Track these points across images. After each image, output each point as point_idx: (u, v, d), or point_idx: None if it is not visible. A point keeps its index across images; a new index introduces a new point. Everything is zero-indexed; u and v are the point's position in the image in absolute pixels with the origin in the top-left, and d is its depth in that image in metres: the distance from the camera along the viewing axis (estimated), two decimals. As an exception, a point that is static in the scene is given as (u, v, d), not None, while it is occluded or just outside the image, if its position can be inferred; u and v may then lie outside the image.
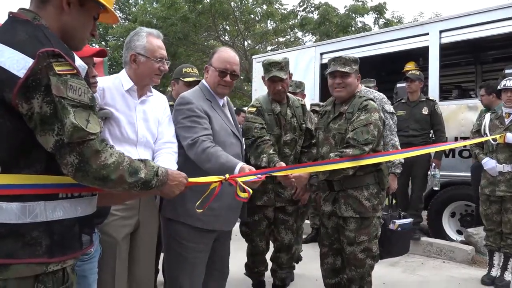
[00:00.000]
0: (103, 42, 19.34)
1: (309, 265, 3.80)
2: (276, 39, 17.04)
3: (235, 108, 4.12)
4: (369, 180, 2.66)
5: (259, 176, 1.98)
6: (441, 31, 5.26)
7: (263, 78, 2.95)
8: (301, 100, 3.05)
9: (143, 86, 2.15)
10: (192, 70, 3.24)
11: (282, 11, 15.31)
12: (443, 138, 4.68)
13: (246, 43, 16.33)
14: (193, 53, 16.38)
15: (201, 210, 1.79)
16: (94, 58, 1.94)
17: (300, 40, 16.45)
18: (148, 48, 2.08)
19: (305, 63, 6.80)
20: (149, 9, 15.22)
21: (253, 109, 2.86)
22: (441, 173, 4.81)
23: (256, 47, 16.56)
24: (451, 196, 5.08)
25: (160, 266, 2.81)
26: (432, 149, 4.22)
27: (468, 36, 5.13)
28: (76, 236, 1.27)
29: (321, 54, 6.65)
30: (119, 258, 1.98)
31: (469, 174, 4.60)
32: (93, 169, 1.19)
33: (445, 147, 4.35)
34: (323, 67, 6.48)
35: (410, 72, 5.06)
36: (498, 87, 3.78)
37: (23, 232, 1.16)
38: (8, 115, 1.14)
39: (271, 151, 2.64)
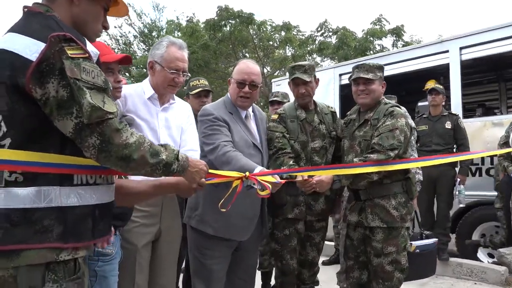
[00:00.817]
0: (126, 73, 19.96)
1: (330, 285, 3.68)
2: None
3: (270, 100, 4.15)
4: (397, 189, 2.59)
5: (279, 180, 1.98)
6: (461, 48, 5.20)
7: (289, 84, 2.88)
8: (331, 107, 2.96)
9: (162, 95, 2.17)
10: (199, 81, 3.30)
11: (300, 37, 15.53)
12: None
13: (265, 70, 16.56)
14: (214, 80, 16.69)
15: (224, 210, 1.81)
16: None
17: (319, 65, 16.57)
18: (165, 58, 2.11)
19: (324, 84, 6.80)
20: (171, 39, 15.65)
21: (276, 116, 2.80)
22: (468, 192, 4.66)
23: (276, 73, 16.75)
24: (479, 217, 4.88)
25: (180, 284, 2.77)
26: (458, 158, 4.08)
27: (489, 52, 5.05)
28: (90, 225, 1.26)
29: (340, 75, 6.66)
30: (139, 266, 1.97)
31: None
32: (115, 148, 1.20)
33: (471, 156, 4.17)
34: (342, 88, 6.48)
35: (435, 85, 4.98)
36: None
37: (36, 218, 1.16)
38: (22, 101, 1.16)
39: (291, 162, 2.58)
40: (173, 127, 2.16)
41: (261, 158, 2.45)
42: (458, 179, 4.55)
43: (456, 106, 5.15)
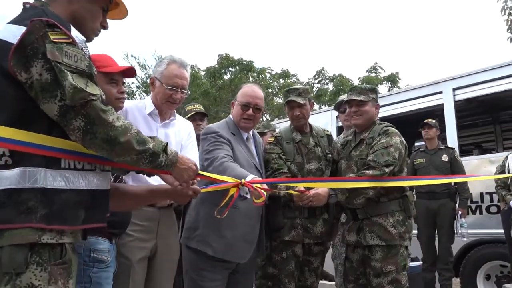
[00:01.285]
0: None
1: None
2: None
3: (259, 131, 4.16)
4: (394, 207, 2.60)
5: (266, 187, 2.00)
6: (454, 89, 5.33)
7: (284, 106, 2.96)
8: (327, 131, 3.01)
9: (162, 111, 2.21)
10: (194, 106, 3.42)
11: (299, 84, 15.94)
12: (466, 186, 4.54)
13: (264, 118, 16.82)
14: (214, 127, 16.89)
15: (219, 216, 1.83)
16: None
17: (317, 112, 16.87)
18: (165, 74, 2.17)
19: (323, 125, 6.90)
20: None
21: (272, 139, 2.86)
22: (470, 231, 4.59)
23: (274, 121, 16.99)
24: (483, 255, 4.76)
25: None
26: (453, 179, 4.09)
27: (483, 92, 5.17)
28: (77, 210, 1.25)
29: (337, 117, 6.77)
30: (133, 281, 1.92)
31: (500, 231, 4.37)
32: (100, 129, 1.20)
33: (467, 179, 4.17)
34: (340, 129, 6.57)
35: (427, 120, 5.06)
36: None
37: (22, 199, 1.17)
38: (10, 84, 1.21)
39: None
40: (173, 143, 2.18)
41: (261, 178, 2.45)
42: (459, 213, 4.51)
43: (453, 146, 5.19)
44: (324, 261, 2.92)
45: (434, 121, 5.04)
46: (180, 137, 2.26)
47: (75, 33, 1.33)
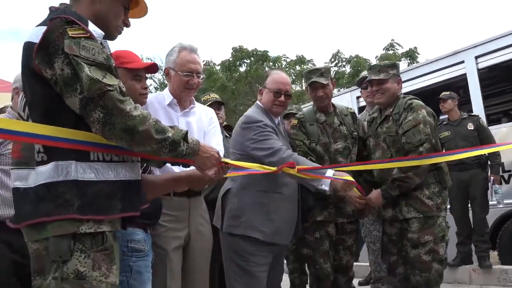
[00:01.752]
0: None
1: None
2: (312, 98, 17.36)
3: (285, 113, 4.17)
4: (429, 179, 2.61)
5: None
6: (476, 57, 5.18)
7: (306, 88, 2.95)
8: (350, 108, 3.00)
9: (181, 100, 2.24)
10: (210, 96, 3.43)
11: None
12: (496, 152, 4.41)
13: (283, 105, 16.76)
14: (234, 121, 16.94)
15: None
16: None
17: (336, 95, 16.70)
18: (178, 62, 2.18)
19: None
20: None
21: (295, 122, 2.85)
22: (506, 201, 4.49)
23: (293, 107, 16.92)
24: (521, 225, 4.66)
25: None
26: (486, 150, 3.97)
27: (506, 57, 5.01)
28: (111, 200, 1.30)
29: (357, 98, 6.70)
30: (171, 271, 1.97)
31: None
32: (118, 119, 1.24)
33: (500, 148, 4.00)
34: (360, 109, 6.49)
35: (441, 94, 4.96)
36: None
37: (59, 193, 1.24)
38: (38, 82, 1.28)
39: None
40: (195, 131, 2.20)
41: None
42: (492, 179, 4.40)
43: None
44: (357, 239, 2.93)
45: (448, 93, 4.90)
46: (202, 124, 2.28)
47: (92, 27, 1.36)
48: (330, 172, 2.23)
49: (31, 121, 1.33)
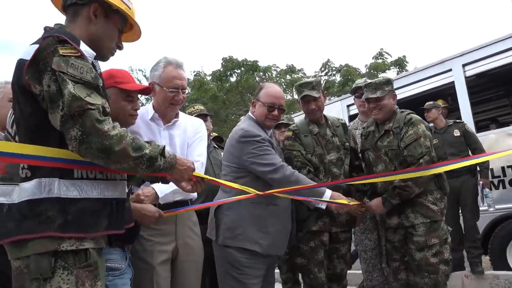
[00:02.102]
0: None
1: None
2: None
3: (277, 123, 4.17)
4: (431, 186, 2.72)
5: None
6: (464, 65, 5.26)
7: (298, 102, 3.00)
8: (341, 120, 3.04)
9: (165, 115, 2.22)
10: (194, 108, 3.42)
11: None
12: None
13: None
14: (226, 130, 16.96)
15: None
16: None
17: (326, 104, 16.82)
18: (163, 77, 2.17)
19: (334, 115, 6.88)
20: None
21: (290, 133, 2.87)
22: (496, 206, 4.53)
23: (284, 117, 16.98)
24: (510, 230, 4.69)
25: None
26: (477, 160, 4.00)
27: (492, 65, 5.08)
28: (94, 218, 1.30)
29: (348, 106, 6.74)
30: (158, 285, 1.94)
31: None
32: (95, 138, 1.23)
33: (488, 157, 4.07)
34: (351, 118, 6.53)
35: (425, 104, 5.02)
36: None
37: (41, 210, 1.23)
38: (27, 99, 1.30)
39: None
40: (178, 144, 2.18)
41: None
42: (481, 183, 4.43)
43: (468, 123, 5.11)
44: (350, 248, 2.93)
45: (431, 102, 4.99)
46: (186, 136, 2.25)
47: (84, 47, 1.38)
48: (327, 194, 2.37)
49: (18, 138, 1.34)
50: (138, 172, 1.38)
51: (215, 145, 3.23)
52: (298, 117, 3.14)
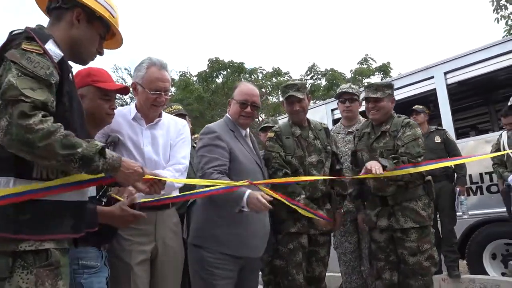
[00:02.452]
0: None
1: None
2: (289, 110, 17.54)
3: (262, 126, 4.18)
4: (420, 192, 2.83)
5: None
6: (445, 72, 5.36)
7: (282, 103, 3.03)
8: (324, 124, 3.07)
9: (147, 114, 2.20)
10: (172, 108, 3.42)
11: (291, 81, 15.95)
12: (462, 164, 4.55)
13: (260, 118, 16.84)
14: (210, 131, 16.93)
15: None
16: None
17: (311, 107, 16.91)
18: (146, 79, 2.15)
19: (318, 120, 6.93)
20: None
21: (272, 134, 2.91)
22: (473, 212, 4.63)
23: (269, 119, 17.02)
24: (487, 235, 4.78)
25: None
26: (454, 162, 4.16)
27: (473, 73, 5.19)
28: (51, 220, 1.28)
29: (332, 110, 6.80)
30: (135, 285, 1.93)
31: (502, 210, 4.40)
32: (17, 130, 1.20)
33: (465, 160, 4.20)
34: (335, 122, 6.59)
35: (415, 106, 5.09)
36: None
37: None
38: None
39: (304, 195, 2.69)
40: (160, 144, 2.17)
41: (262, 174, 2.52)
42: (458, 190, 4.52)
43: (448, 130, 5.20)
44: (330, 251, 2.95)
45: (421, 107, 5.07)
46: (169, 136, 2.24)
47: (51, 46, 1.36)
48: (245, 196, 2.13)
49: None
50: (72, 170, 1.34)
51: (194, 145, 3.23)
52: (282, 120, 3.16)
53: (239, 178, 2.18)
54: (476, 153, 4.89)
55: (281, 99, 3.03)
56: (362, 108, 3.74)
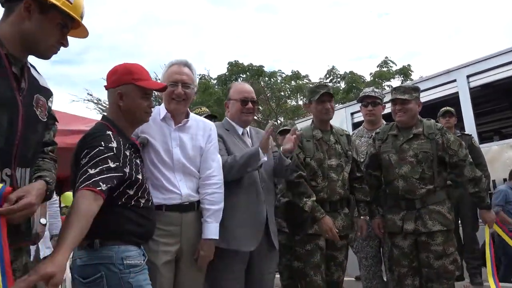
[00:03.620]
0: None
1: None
2: (308, 113, 17.52)
3: (280, 129, 4.21)
4: (444, 196, 2.84)
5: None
6: (468, 76, 5.28)
7: (305, 105, 3.08)
8: (346, 131, 3.12)
9: (175, 114, 2.22)
10: (201, 109, 3.52)
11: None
12: (486, 172, 4.43)
13: (278, 120, 16.86)
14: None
15: None
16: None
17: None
18: (166, 75, 2.22)
19: (337, 124, 6.89)
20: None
21: None
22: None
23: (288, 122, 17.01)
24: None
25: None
26: None
27: (497, 77, 5.10)
28: None
29: (352, 114, 6.77)
30: (160, 285, 1.95)
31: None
32: None
33: None
34: (355, 126, 6.55)
35: (448, 108, 4.97)
36: None
37: None
38: None
39: (314, 198, 2.69)
40: (188, 147, 2.18)
41: (258, 169, 2.46)
42: None
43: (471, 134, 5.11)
44: (347, 256, 2.95)
45: (451, 109, 4.96)
46: (198, 141, 2.24)
47: None
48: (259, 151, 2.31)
49: None
50: None
51: None
52: (303, 123, 3.20)
53: None
54: (500, 158, 4.81)
55: (300, 102, 3.07)
56: (384, 111, 3.75)
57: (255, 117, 16.60)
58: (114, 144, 1.66)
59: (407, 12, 35.67)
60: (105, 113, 1.98)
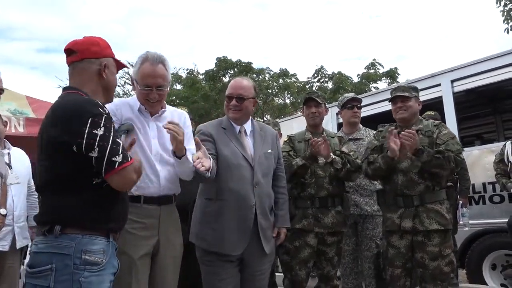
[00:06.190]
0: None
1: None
2: (295, 112, 17.57)
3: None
4: (444, 196, 2.87)
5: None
6: (452, 81, 5.34)
7: (302, 109, 3.33)
8: (338, 133, 3.32)
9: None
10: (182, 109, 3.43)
11: (298, 84, 15.98)
12: (466, 176, 4.53)
13: (265, 118, 16.86)
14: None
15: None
16: None
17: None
18: (139, 75, 2.09)
19: (323, 124, 6.92)
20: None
21: (286, 139, 3.24)
22: (474, 221, 4.60)
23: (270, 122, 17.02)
24: (488, 246, 4.76)
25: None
26: None
27: (481, 83, 5.16)
28: None
29: (337, 114, 6.77)
30: (136, 279, 1.92)
31: (504, 220, 4.37)
32: None
33: None
34: (340, 126, 6.57)
35: (425, 113, 5.04)
36: None
37: None
38: None
39: (298, 160, 2.90)
40: (165, 136, 2.10)
41: (251, 170, 2.42)
42: (461, 202, 4.50)
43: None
44: (341, 252, 3.08)
45: (433, 113, 5.01)
46: None
47: None
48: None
49: None
50: None
51: None
52: (288, 122, 3.43)
53: (222, 171, 2.30)
54: (480, 163, 4.88)
55: (287, 100, 3.21)
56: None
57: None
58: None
59: (399, 15, 36.07)
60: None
